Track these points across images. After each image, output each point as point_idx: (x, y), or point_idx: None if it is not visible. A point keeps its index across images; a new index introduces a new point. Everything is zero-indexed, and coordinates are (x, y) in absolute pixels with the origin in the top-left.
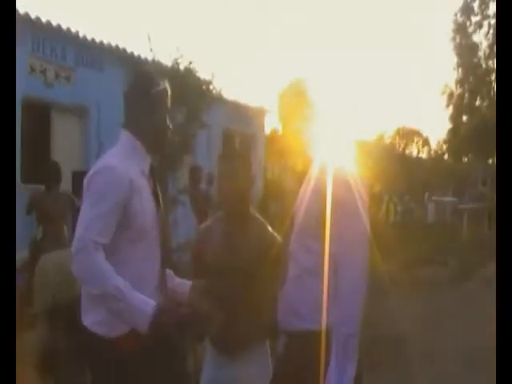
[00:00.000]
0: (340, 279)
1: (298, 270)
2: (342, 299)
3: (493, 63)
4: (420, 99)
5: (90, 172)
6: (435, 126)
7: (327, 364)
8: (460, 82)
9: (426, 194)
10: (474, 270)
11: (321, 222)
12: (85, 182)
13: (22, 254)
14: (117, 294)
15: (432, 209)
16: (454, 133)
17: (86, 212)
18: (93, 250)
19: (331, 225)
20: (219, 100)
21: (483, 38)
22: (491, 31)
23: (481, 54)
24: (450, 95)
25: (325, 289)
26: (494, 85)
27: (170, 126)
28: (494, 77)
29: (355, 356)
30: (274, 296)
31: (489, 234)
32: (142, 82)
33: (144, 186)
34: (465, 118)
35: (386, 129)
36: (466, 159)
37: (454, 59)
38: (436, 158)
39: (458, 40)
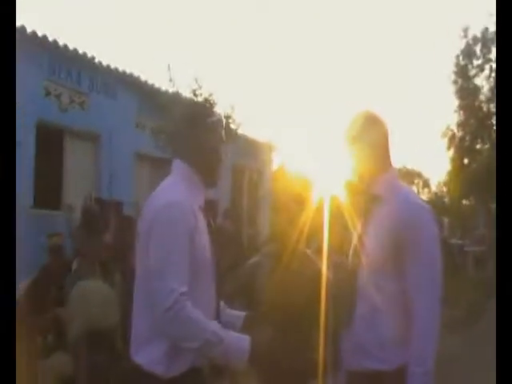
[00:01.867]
0: (416, 318)
1: (368, 307)
2: (418, 338)
3: (494, 107)
4: (421, 141)
5: (151, 207)
6: (436, 167)
7: None
8: (461, 125)
9: None
10: (481, 312)
11: (393, 260)
12: (147, 218)
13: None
14: (215, 339)
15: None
16: (455, 175)
17: (162, 260)
18: (185, 305)
19: (404, 263)
20: (230, 133)
21: (485, 81)
22: (493, 74)
23: (482, 97)
24: (452, 138)
25: (399, 328)
26: (493, 129)
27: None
28: (494, 120)
29: None
30: (329, 334)
31: (494, 276)
32: (198, 112)
33: (201, 219)
34: (466, 160)
35: None
36: (467, 201)
37: (456, 102)
38: (436, 200)
39: (459, 83)
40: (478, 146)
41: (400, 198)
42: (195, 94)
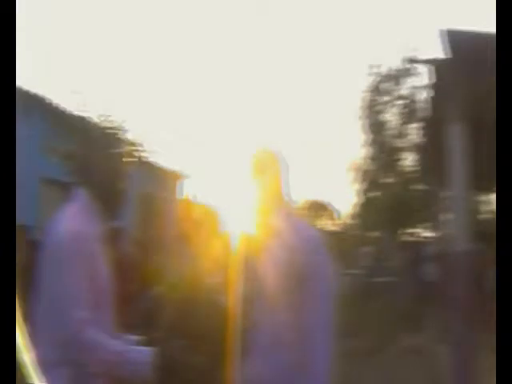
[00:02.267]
0: (312, 353)
1: (265, 338)
2: (314, 371)
3: (400, 142)
4: (330, 174)
5: (51, 235)
6: (344, 200)
7: None
8: (368, 159)
9: (341, 267)
10: (386, 342)
11: (290, 292)
12: (48, 245)
13: None
14: (120, 359)
15: (347, 281)
16: (362, 207)
17: (64, 287)
18: (88, 330)
19: (300, 294)
20: (140, 161)
21: (392, 116)
22: (399, 112)
23: (389, 132)
24: (358, 171)
25: (294, 361)
26: (402, 162)
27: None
28: (401, 155)
29: None
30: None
31: (400, 306)
32: (100, 143)
33: (101, 247)
34: (373, 193)
35: (296, 200)
36: (376, 233)
37: (362, 136)
38: (345, 232)
39: (366, 118)
40: (385, 180)
41: (296, 231)
42: (107, 120)
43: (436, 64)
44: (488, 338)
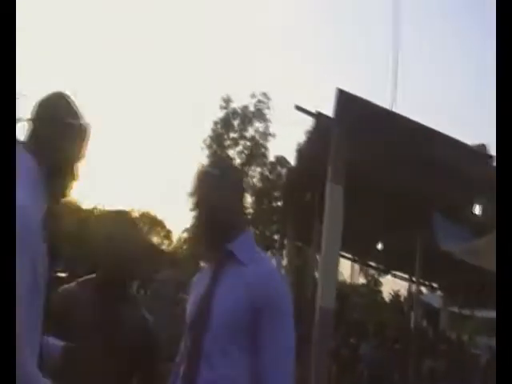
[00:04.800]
0: None
1: (214, 375)
2: None
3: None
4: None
5: None
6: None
7: None
8: None
9: None
10: None
11: (246, 325)
12: None
13: None
14: None
15: None
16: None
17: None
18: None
19: (259, 328)
20: None
21: (237, 154)
22: (245, 151)
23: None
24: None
25: None
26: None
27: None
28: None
29: None
30: None
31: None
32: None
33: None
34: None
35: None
36: None
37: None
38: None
39: (213, 149)
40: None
41: (260, 261)
42: None
43: (320, 119)
44: None
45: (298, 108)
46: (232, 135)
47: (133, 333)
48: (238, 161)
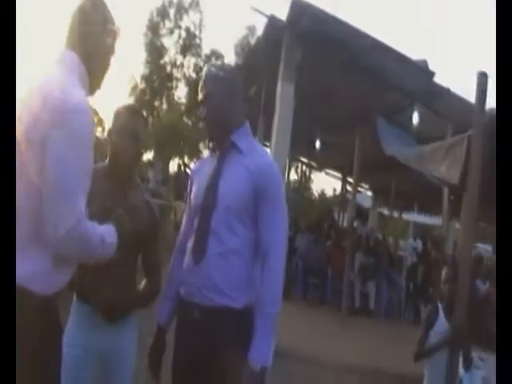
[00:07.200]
0: (268, 266)
1: (221, 248)
2: (270, 283)
3: (177, 71)
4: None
5: (43, 103)
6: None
7: (244, 339)
8: (145, 78)
9: None
10: None
11: (248, 207)
12: (38, 120)
13: None
14: (105, 246)
15: None
16: None
17: (65, 175)
18: (86, 223)
19: (260, 211)
20: None
21: (173, 44)
22: (180, 41)
23: (167, 58)
24: (134, 88)
25: (248, 270)
26: (173, 91)
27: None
28: (174, 84)
29: (274, 331)
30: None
31: None
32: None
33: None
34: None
35: None
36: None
37: (144, 55)
38: None
39: (149, 37)
40: (157, 103)
41: (258, 152)
42: None
43: (273, 21)
44: None
45: (254, 9)
46: (168, 25)
47: (139, 216)
48: (172, 51)
